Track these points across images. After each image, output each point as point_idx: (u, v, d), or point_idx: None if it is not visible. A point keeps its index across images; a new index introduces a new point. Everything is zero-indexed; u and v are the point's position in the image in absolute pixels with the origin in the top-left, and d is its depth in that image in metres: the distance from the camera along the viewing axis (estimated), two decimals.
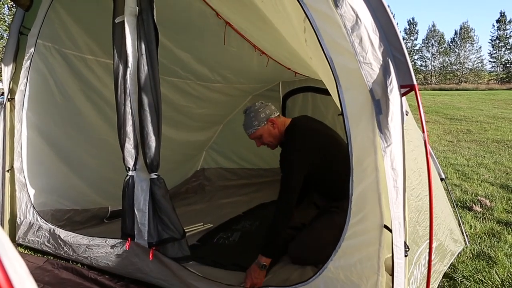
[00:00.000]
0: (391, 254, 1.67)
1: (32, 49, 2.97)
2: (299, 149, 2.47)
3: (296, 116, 4.84)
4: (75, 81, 3.31)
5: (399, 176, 1.59)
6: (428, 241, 1.99)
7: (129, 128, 2.51)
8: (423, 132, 1.56)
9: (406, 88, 1.57)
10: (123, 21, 2.42)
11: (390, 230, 1.65)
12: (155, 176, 2.51)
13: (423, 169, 2.00)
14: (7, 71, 3.02)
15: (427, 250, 1.98)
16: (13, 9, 23.41)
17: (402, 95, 1.57)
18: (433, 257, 2.14)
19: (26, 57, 2.98)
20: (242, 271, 2.46)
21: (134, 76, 2.47)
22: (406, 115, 1.64)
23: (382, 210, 1.70)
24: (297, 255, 2.59)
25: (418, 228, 1.90)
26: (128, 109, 2.50)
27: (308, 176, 2.52)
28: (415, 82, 1.55)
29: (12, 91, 3.05)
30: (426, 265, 2.02)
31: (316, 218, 2.74)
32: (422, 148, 2.05)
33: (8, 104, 3.07)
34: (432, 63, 61.08)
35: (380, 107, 1.58)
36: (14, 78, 3.04)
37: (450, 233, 2.71)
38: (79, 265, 2.81)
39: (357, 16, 1.60)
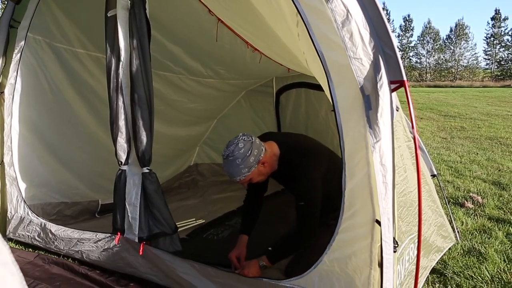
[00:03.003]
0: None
1: (22, 42, 2.93)
2: (313, 176, 2.30)
3: (290, 113, 4.90)
4: (66, 75, 3.28)
5: (388, 171, 1.60)
6: (411, 236, 2.01)
7: (122, 122, 2.50)
8: (413, 128, 1.57)
9: (396, 84, 1.57)
10: (115, 15, 2.41)
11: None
12: (147, 171, 2.51)
13: (408, 166, 2.01)
14: None
15: (411, 245, 1.99)
16: (5, 2, 23.19)
17: (392, 90, 1.57)
18: (415, 252, 2.15)
19: (16, 51, 2.95)
20: (222, 269, 2.36)
21: (126, 70, 2.46)
22: (397, 111, 1.64)
23: (374, 205, 1.71)
24: (294, 275, 2.24)
25: (401, 223, 1.91)
26: (121, 104, 2.49)
27: None
28: (405, 78, 1.55)
29: (1, 85, 3.02)
30: (412, 260, 2.03)
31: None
32: (410, 144, 2.06)
33: None
34: (427, 60, 61.12)
35: (370, 102, 1.58)
36: (4, 72, 3.01)
37: (438, 229, 2.72)
38: (70, 260, 2.80)
39: (348, 11, 1.60)
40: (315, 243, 2.22)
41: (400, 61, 1.57)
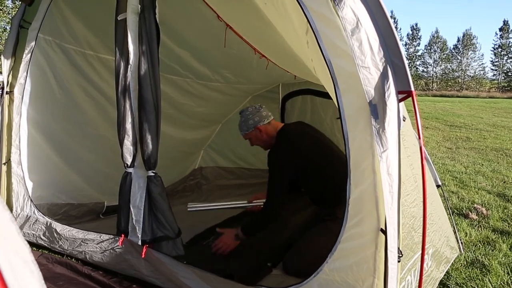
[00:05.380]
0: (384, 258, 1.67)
1: (33, 43, 2.96)
2: (282, 156, 2.62)
3: (295, 119, 4.91)
4: (75, 76, 3.31)
5: (394, 181, 1.59)
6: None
7: (129, 125, 2.51)
8: (419, 138, 1.57)
9: (404, 94, 1.57)
10: (125, 18, 2.43)
11: (386, 234, 1.65)
12: (153, 174, 2.51)
13: (419, 175, 2.00)
14: (7, 64, 3.03)
15: (425, 257, 1.98)
16: (16, 2, 23.41)
17: (399, 100, 1.57)
18: (429, 263, 2.14)
19: (26, 51, 2.98)
20: (220, 276, 2.35)
21: (134, 74, 2.47)
22: (404, 120, 1.64)
23: (379, 214, 1.70)
24: (292, 267, 2.53)
25: (414, 234, 1.90)
26: (128, 107, 2.50)
27: (297, 181, 2.76)
28: (412, 89, 1.55)
29: (11, 84, 3.05)
30: (424, 271, 2.03)
31: (310, 229, 2.75)
32: (418, 154, 2.06)
33: (6, 96, 3.07)
34: (434, 69, 61.10)
35: (377, 112, 1.58)
36: (13, 72, 3.04)
37: (447, 240, 2.71)
38: (73, 260, 2.81)
39: (358, 19, 1.61)
40: (277, 216, 2.61)
41: (408, 72, 1.57)
